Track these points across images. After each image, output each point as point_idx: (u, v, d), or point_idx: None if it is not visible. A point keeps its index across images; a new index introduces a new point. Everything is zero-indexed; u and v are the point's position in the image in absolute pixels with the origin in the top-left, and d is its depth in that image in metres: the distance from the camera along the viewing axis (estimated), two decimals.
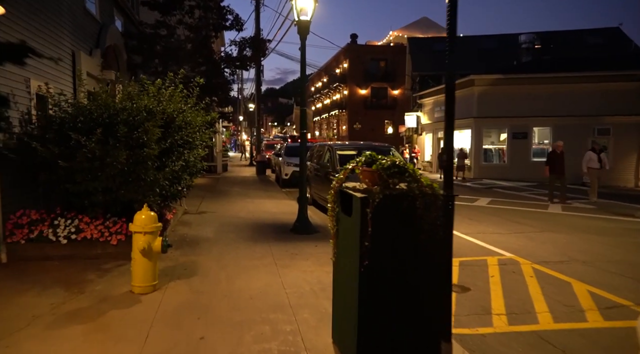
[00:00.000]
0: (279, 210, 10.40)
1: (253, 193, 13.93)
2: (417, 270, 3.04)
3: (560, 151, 13.31)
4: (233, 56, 13.67)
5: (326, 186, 10.55)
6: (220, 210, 10.04)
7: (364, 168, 3.34)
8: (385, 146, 12.07)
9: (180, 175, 6.48)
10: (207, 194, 12.95)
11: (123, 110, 5.98)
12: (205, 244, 6.80)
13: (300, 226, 7.71)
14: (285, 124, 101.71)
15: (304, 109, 7.73)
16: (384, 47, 49.74)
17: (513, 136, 22.24)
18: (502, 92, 22.07)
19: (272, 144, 30.33)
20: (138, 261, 4.58)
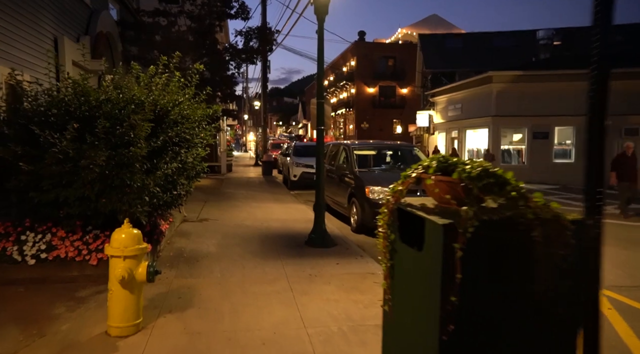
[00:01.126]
0: (289, 216, 9.32)
1: (260, 196, 12.87)
2: (532, 345, 1.94)
3: (632, 153, 11.02)
4: (239, 48, 12.61)
5: (342, 190, 9.46)
6: (224, 217, 8.97)
7: (439, 177, 2.23)
8: (408, 145, 10.96)
9: (176, 179, 5.40)
10: (209, 198, 11.89)
11: (107, 101, 4.91)
12: (205, 261, 5.73)
13: (317, 238, 6.62)
14: (291, 124, 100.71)
15: (321, 102, 6.65)
16: (392, 44, 48.60)
17: (533, 136, 21.05)
18: (521, 90, 20.88)
19: (278, 144, 29.29)
20: (116, 294, 3.51)
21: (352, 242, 7.12)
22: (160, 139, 5.07)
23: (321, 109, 6.64)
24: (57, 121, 4.68)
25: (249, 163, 30.70)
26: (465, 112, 24.26)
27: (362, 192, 8.17)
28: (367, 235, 8.15)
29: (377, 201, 7.93)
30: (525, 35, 30.55)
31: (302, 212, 10.01)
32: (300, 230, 7.87)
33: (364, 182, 8.25)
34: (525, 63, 24.19)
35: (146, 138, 4.82)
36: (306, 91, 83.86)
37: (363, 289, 4.72)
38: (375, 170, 9.01)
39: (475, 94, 23.08)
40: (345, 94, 51.06)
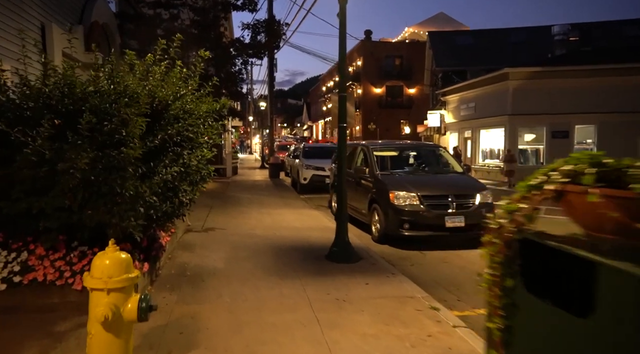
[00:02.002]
0: (303, 224, 8.47)
1: (268, 201, 12.04)
2: None
3: None
4: (245, 42, 11.81)
5: (361, 194, 8.61)
6: (231, 225, 8.13)
7: (612, 192, 1.36)
8: (432, 145, 10.09)
9: (178, 186, 4.57)
10: (215, 203, 11.08)
11: (95, 93, 4.10)
12: (212, 280, 4.90)
13: (340, 251, 5.78)
14: (295, 125, 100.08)
15: (342, 95, 5.81)
16: (399, 43, 47.77)
17: (552, 135, 20.12)
18: (539, 87, 19.97)
19: (285, 145, 28.50)
20: (97, 339, 2.67)
21: (377, 256, 6.27)
22: (159, 138, 4.25)
23: (343, 104, 5.80)
24: (34, 116, 3.86)
25: (254, 166, 29.92)
26: (479, 111, 23.36)
27: (386, 198, 7.32)
28: (391, 245, 7.31)
29: (403, 207, 7.09)
30: (539, 31, 29.65)
31: (316, 219, 9.17)
32: (317, 240, 7.03)
33: (388, 187, 7.40)
34: (542, 59, 23.27)
35: (141, 137, 4.00)
36: (311, 92, 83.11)
37: (405, 320, 3.87)
38: (399, 173, 8.15)
39: (490, 92, 22.17)
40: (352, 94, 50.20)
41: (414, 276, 5.54)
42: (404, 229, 7.03)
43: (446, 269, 6.00)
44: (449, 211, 6.99)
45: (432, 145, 10.05)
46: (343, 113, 5.79)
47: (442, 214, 6.95)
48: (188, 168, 4.72)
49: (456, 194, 7.14)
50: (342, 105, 5.79)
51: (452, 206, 7.02)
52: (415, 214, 7.01)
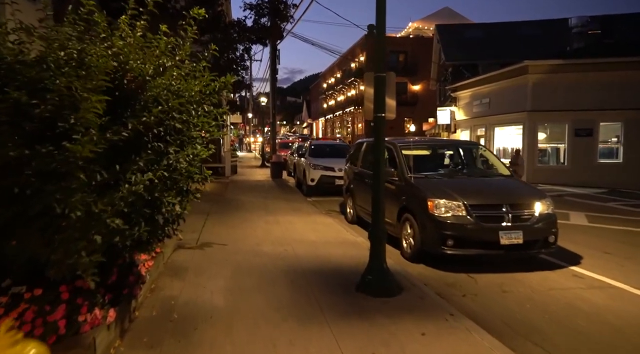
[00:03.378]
0: (318, 236, 7.09)
1: (273, 205, 10.65)
2: None
3: None
4: (247, 26, 10.40)
5: (387, 201, 7.27)
6: (232, 238, 6.74)
7: None
8: (471, 143, 8.72)
9: (159, 198, 3.18)
10: (213, 208, 9.69)
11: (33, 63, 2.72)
12: (208, 329, 3.52)
13: (377, 281, 4.40)
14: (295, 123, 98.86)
15: (380, 76, 4.43)
16: (403, 39, 46.38)
17: (575, 133, 18.76)
18: (561, 81, 18.61)
19: (286, 143, 27.11)
20: None
21: (421, 285, 4.89)
22: (130, 129, 2.86)
23: (381, 88, 4.42)
24: None
25: (254, 164, 28.51)
26: (493, 108, 21.99)
27: (423, 207, 5.95)
28: (427, 264, 5.95)
29: (445, 219, 5.72)
30: (554, 24, 28.30)
31: (332, 229, 7.80)
32: (341, 260, 5.66)
33: (425, 193, 6.03)
34: (563, 52, 21.91)
35: (102, 127, 2.63)
36: (311, 90, 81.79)
37: None
38: (435, 176, 6.78)
39: (506, 87, 20.80)
40: (354, 91, 48.86)
41: (474, 314, 4.18)
42: (446, 246, 5.65)
43: (512, 303, 4.63)
44: (504, 224, 5.62)
45: (471, 143, 8.66)
46: (381, 99, 4.41)
47: (496, 228, 5.57)
48: (175, 172, 3.33)
49: (512, 203, 5.76)
50: (379, 88, 4.41)
51: (508, 217, 5.65)
52: (462, 228, 5.64)
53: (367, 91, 4.68)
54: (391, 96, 4.58)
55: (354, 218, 9.02)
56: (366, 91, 4.69)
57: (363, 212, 8.60)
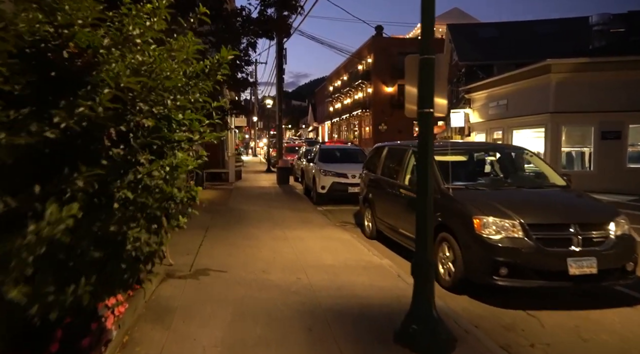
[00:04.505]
0: (336, 259, 5.97)
1: (281, 216, 9.55)
2: None
3: None
4: (253, 18, 9.36)
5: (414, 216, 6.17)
6: (234, 262, 5.63)
7: None
8: (514, 147, 7.59)
9: (119, 232, 2.09)
10: (214, 220, 8.62)
11: None
12: None
13: (424, 332, 3.28)
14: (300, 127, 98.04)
15: (428, 58, 3.32)
16: (412, 40, 45.25)
17: (602, 136, 17.55)
18: (587, 81, 17.41)
19: (293, 147, 26.05)
20: None
21: (473, 329, 3.77)
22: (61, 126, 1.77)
23: (428, 74, 3.31)
24: None
25: (259, 169, 27.46)
26: (512, 109, 20.81)
27: (467, 226, 4.83)
28: (472, 295, 4.83)
29: (497, 241, 4.60)
30: (573, 22, 27.14)
31: (350, 247, 6.68)
32: (367, 293, 4.55)
33: (470, 209, 4.91)
34: (584, 50, 20.71)
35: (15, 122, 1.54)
36: (316, 93, 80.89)
37: None
38: (477, 187, 5.65)
39: (526, 88, 19.63)
40: (361, 94, 47.84)
41: None
42: (499, 276, 4.52)
43: None
44: (573, 248, 4.48)
45: (514, 146, 7.52)
46: (428, 89, 3.30)
47: (563, 255, 4.44)
48: (142, 194, 2.23)
49: (581, 222, 4.62)
50: (426, 75, 3.30)
51: (577, 241, 4.51)
52: (519, 254, 4.51)
53: (408, 79, 3.56)
54: (441, 86, 3.47)
55: (374, 233, 7.91)
56: (407, 79, 3.58)
57: (383, 226, 7.50)
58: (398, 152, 7.40)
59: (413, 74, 3.47)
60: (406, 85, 3.58)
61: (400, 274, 5.31)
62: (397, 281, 5.04)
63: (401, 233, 6.65)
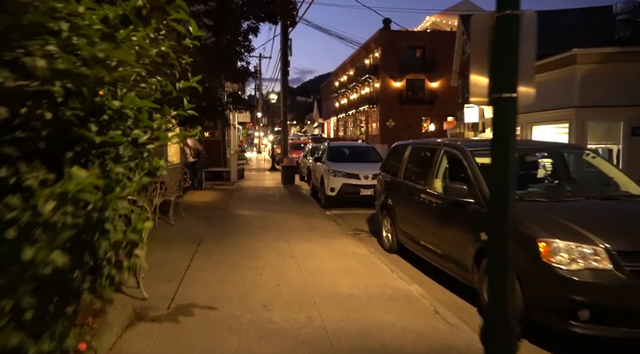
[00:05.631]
0: (354, 284, 4.82)
1: (286, 223, 8.44)
2: None
3: None
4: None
5: (449, 231, 5.00)
6: (227, 293, 4.49)
7: None
8: (571, 145, 6.42)
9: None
10: (209, 230, 7.51)
11: None
12: None
13: None
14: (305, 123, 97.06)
15: (511, 14, 2.17)
16: (420, 33, 43.97)
17: (632, 132, 16.29)
18: (615, 73, 16.15)
19: (298, 144, 24.92)
20: None
21: None
22: None
23: (511, 39, 2.16)
24: None
25: (264, 167, 26.37)
26: (532, 104, 19.34)
27: (528, 251, 3.69)
28: (533, 342, 3.68)
29: (573, 274, 3.45)
30: (595, 12, 25.75)
31: (369, 267, 5.54)
32: (399, 341, 3.41)
33: (532, 229, 3.76)
34: (608, 40, 19.37)
35: None
36: (322, 89, 79.75)
37: None
38: (534, 197, 4.48)
39: (548, 80, 18.32)
40: (368, 89, 46.58)
41: None
42: (577, 321, 3.38)
43: None
44: None
45: (572, 146, 6.31)
46: (509, 64, 2.16)
47: None
48: None
49: None
50: (508, 42, 2.16)
51: None
52: (607, 292, 3.36)
53: (475, 50, 2.40)
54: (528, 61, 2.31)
55: (394, 245, 6.79)
56: (474, 50, 2.41)
57: (405, 237, 6.38)
58: (425, 152, 6.25)
59: (483, 43, 2.31)
60: (472, 60, 2.42)
61: (437, 309, 4.17)
62: (435, 321, 3.90)
63: (428, 249, 5.52)
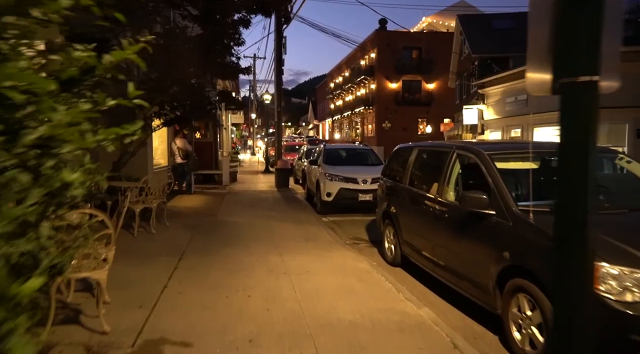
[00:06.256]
0: (356, 309, 4.17)
1: (280, 232, 7.77)
2: None
3: None
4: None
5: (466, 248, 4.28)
6: (207, 324, 3.80)
7: None
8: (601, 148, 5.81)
9: None
10: (193, 240, 6.83)
11: None
12: None
13: None
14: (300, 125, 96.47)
15: None
16: (417, 34, 43.46)
17: (637, 134, 15.80)
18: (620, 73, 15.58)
19: (293, 146, 24.28)
20: None
21: None
22: None
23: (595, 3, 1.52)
24: None
25: (257, 169, 25.67)
26: (533, 105, 18.98)
27: None
28: None
29: (629, 307, 2.82)
30: None
31: (372, 285, 4.89)
32: None
33: None
34: None
35: None
36: (317, 90, 79.14)
37: None
38: None
39: None
40: (364, 90, 46.04)
41: None
42: None
43: None
44: None
45: (601, 148, 5.70)
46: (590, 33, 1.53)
47: None
48: None
49: None
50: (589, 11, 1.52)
51: None
52: None
53: (535, 20, 1.76)
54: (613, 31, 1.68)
55: (397, 258, 6.15)
56: (533, 21, 1.77)
57: (410, 249, 5.74)
58: (435, 156, 5.61)
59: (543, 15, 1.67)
60: (530, 36, 1.79)
61: (454, 342, 3.52)
62: None
63: (437, 264, 4.89)
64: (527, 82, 1.80)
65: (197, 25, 7.02)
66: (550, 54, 1.67)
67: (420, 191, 5.60)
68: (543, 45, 1.70)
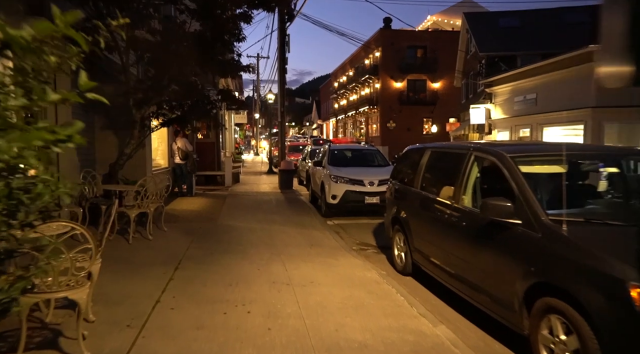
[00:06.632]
0: (368, 327, 3.78)
1: (282, 238, 7.40)
2: None
3: None
4: None
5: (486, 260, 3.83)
6: (201, 347, 3.45)
7: None
8: (628, 149, 5.36)
9: None
10: (191, 248, 6.46)
11: None
12: None
13: None
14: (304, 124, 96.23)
15: None
16: (422, 33, 42.94)
17: None
18: None
19: (297, 146, 23.91)
20: None
21: None
22: None
23: None
24: None
25: (261, 170, 25.31)
26: (542, 104, 18.58)
27: (613, 297, 2.66)
28: None
29: None
30: None
31: (385, 301, 4.51)
32: None
33: (618, 268, 2.73)
34: None
35: None
36: (321, 90, 78.82)
37: None
38: (602, 218, 3.46)
39: (560, 79, 17.40)
40: (369, 89, 45.61)
41: None
42: None
43: None
44: None
45: (628, 150, 5.26)
46: None
47: None
48: None
49: None
50: None
51: None
52: None
53: (609, 10, 1.44)
54: None
55: (408, 267, 5.77)
56: (606, 12, 1.46)
57: (421, 257, 5.36)
58: (449, 158, 5.21)
59: None
60: (604, 28, 1.50)
61: None
62: None
63: (453, 275, 4.50)
64: (602, 75, 1.51)
65: (196, 20, 6.66)
66: (629, 44, 1.36)
67: (433, 195, 5.21)
68: (620, 36, 1.40)
